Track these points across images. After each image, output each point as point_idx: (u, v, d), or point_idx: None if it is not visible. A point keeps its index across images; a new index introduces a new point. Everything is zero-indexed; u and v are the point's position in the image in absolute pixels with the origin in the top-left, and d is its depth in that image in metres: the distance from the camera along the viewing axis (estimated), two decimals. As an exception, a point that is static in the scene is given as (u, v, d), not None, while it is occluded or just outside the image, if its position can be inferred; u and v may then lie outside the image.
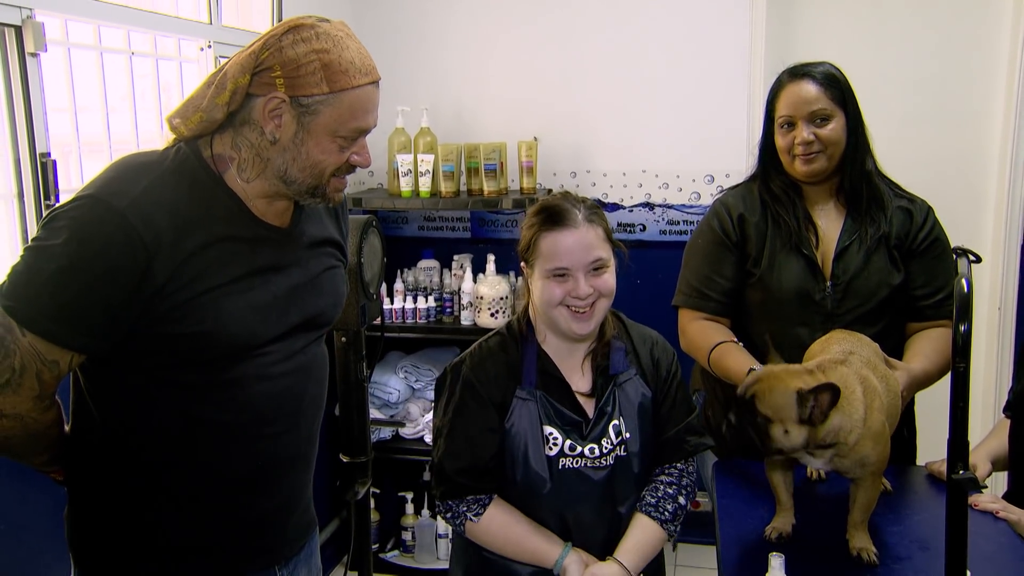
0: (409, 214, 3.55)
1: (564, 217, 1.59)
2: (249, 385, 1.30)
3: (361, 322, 2.17)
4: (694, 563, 3.27)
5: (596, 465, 1.64)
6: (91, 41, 2.23)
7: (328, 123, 1.26)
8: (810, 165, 1.91)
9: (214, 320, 1.24)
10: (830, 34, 3.16)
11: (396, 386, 3.27)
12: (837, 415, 1.40)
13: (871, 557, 1.47)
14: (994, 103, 3.09)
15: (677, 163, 3.27)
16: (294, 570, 1.48)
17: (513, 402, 1.64)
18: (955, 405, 1.06)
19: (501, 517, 1.63)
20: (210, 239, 1.24)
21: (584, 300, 1.59)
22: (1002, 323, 3.15)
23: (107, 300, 1.18)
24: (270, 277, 1.32)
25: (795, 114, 1.90)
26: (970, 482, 1.04)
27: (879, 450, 1.48)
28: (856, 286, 1.92)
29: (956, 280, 1.10)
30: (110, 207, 1.17)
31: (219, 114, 1.25)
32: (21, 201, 1.94)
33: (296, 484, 1.44)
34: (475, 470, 1.63)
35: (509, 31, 3.32)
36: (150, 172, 1.24)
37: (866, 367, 1.56)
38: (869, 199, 1.94)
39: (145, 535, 1.32)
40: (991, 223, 3.15)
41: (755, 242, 1.98)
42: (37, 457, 1.34)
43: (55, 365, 1.21)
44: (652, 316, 3.17)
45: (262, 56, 1.23)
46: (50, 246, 1.17)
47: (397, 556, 3.39)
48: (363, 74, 1.27)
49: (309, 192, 1.32)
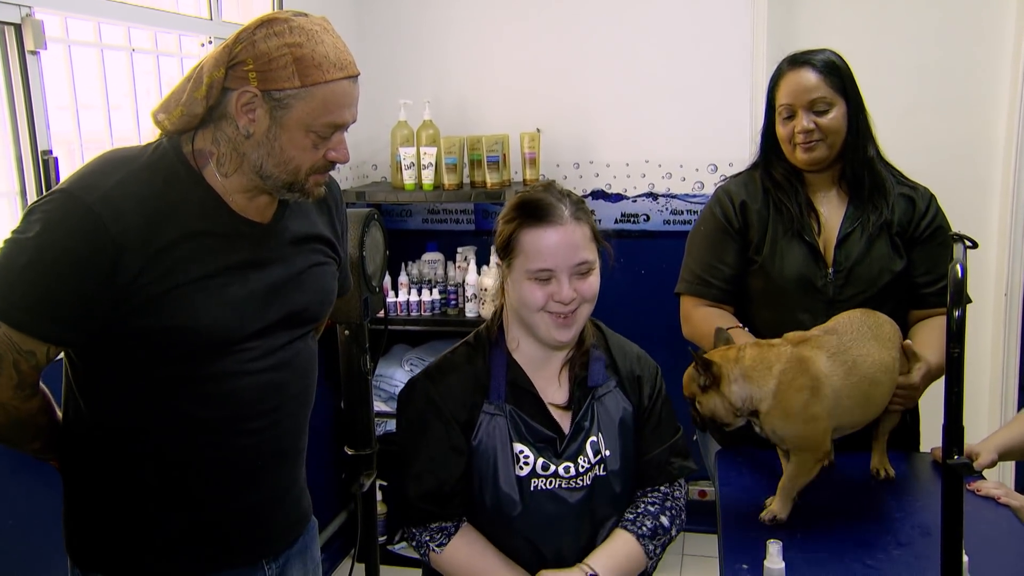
0: (413, 207, 3.55)
1: (549, 212, 1.46)
2: (227, 381, 1.31)
3: (364, 315, 2.18)
4: (701, 552, 3.28)
5: (572, 486, 1.52)
6: (91, 38, 2.24)
7: (301, 117, 1.25)
8: (810, 153, 1.90)
9: (188, 315, 1.24)
10: (833, 22, 3.14)
11: (401, 379, 3.28)
12: (745, 385, 1.55)
13: (774, 520, 1.57)
14: (999, 90, 3.07)
15: (680, 153, 3.27)
16: (285, 564, 1.48)
17: (480, 418, 1.52)
18: (950, 390, 1.06)
19: (466, 548, 1.51)
20: (184, 234, 1.25)
21: (567, 305, 1.46)
22: (1009, 309, 3.13)
23: (77, 292, 1.19)
24: (248, 273, 1.32)
25: (795, 103, 1.89)
26: (965, 467, 1.04)
27: (793, 428, 1.54)
28: (858, 272, 1.91)
29: (951, 265, 1.10)
30: (79, 201, 1.19)
31: (198, 108, 1.26)
32: (23, 198, 1.96)
33: (283, 479, 1.45)
34: (439, 495, 1.51)
35: (511, 23, 3.32)
36: (125, 167, 1.25)
37: (826, 349, 1.57)
38: (871, 186, 1.94)
39: (131, 526, 1.34)
40: (996, 210, 3.13)
41: (757, 229, 1.97)
42: (29, 444, 1.36)
43: (31, 355, 1.23)
44: (656, 306, 3.18)
45: (235, 50, 1.23)
46: (23, 239, 1.19)
47: (405, 548, 3.41)
48: (337, 68, 1.25)
49: (286, 187, 1.31)
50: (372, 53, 3.36)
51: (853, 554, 1.47)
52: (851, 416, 1.59)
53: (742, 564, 1.44)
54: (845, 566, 1.43)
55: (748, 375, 1.55)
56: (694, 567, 3.22)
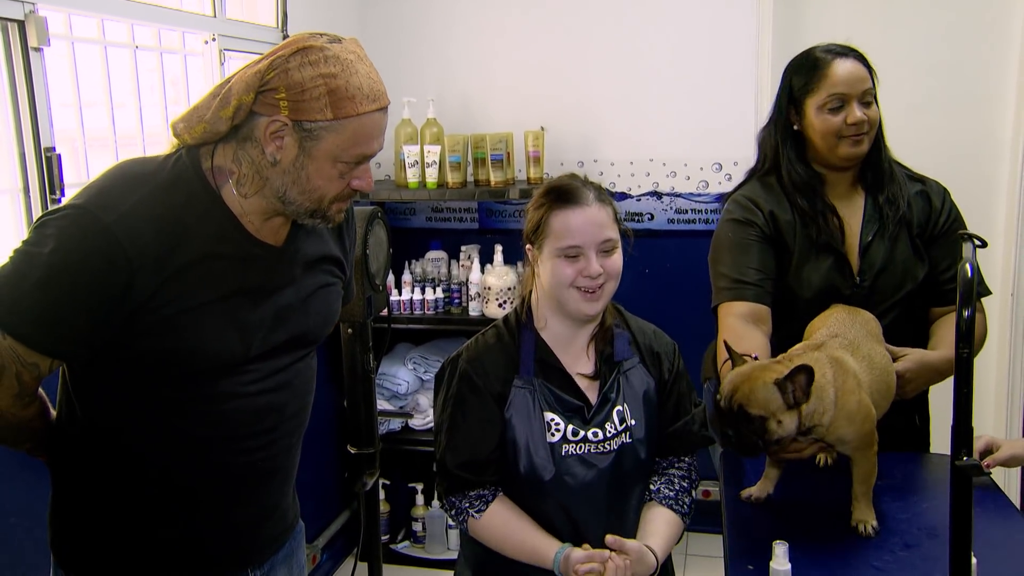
0: (416, 205, 3.54)
1: (575, 195, 1.59)
2: (226, 401, 1.29)
3: (367, 314, 2.17)
4: (705, 552, 3.27)
5: (600, 450, 1.62)
6: (95, 35, 2.24)
7: (330, 149, 1.23)
8: (859, 147, 1.83)
9: (197, 338, 1.23)
10: (838, 20, 3.12)
11: (405, 377, 3.28)
12: (812, 400, 1.46)
13: (868, 530, 1.50)
14: (1006, 88, 3.06)
15: (685, 152, 3.25)
16: (270, 571, 1.47)
17: (511, 391, 1.63)
18: (959, 391, 1.05)
19: (504, 514, 1.62)
20: (198, 256, 1.23)
21: (595, 280, 1.58)
22: (1015, 309, 3.12)
23: (88, 311, 1.18)
24: (259, 297, 1.30)
25: (850, 92, 1.81)
26: (974, 469, 1.03)
27: (856, 427, 1.52)
28: (883, 281, 1.87)
29: (960, 265, 1.08)
30: (97, 220, 1.16)
31: (223, 127, 1.23)
32: (27, 195, 1.95)
33: (272, 495, 1.44)
34: (476, 463, 1.62)
35: (515, 21, 3.31)
36: (144, 184, 1.22)
37: (845, 348, 1.59)
38: (889, 181, 1.90)
39: (117, 532, 1.33)
40: (1003, 209, 3.12)
41: (789, 240, 1.89)
42: (21, 445, 1.35)
43: (35, 367, 1.21)
44: (660, 305, 3.16)
45: (268, 76, 1.19)
46: (36, 253, 1.17)
47: (408, 547, 3.40)
48: (370, 100, 1.23)
49: (308, 214, 1.29)
50: (376, 50, 3.34)
51: (859, 555, 1.45)
52: (878, 409, 1.60)
53: (748, 565, 1.43)
54: (851, 567, 1.42)
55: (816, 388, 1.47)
56: (698, 567, 3.22)
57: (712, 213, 3.23)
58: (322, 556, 3.14)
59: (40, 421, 1.33)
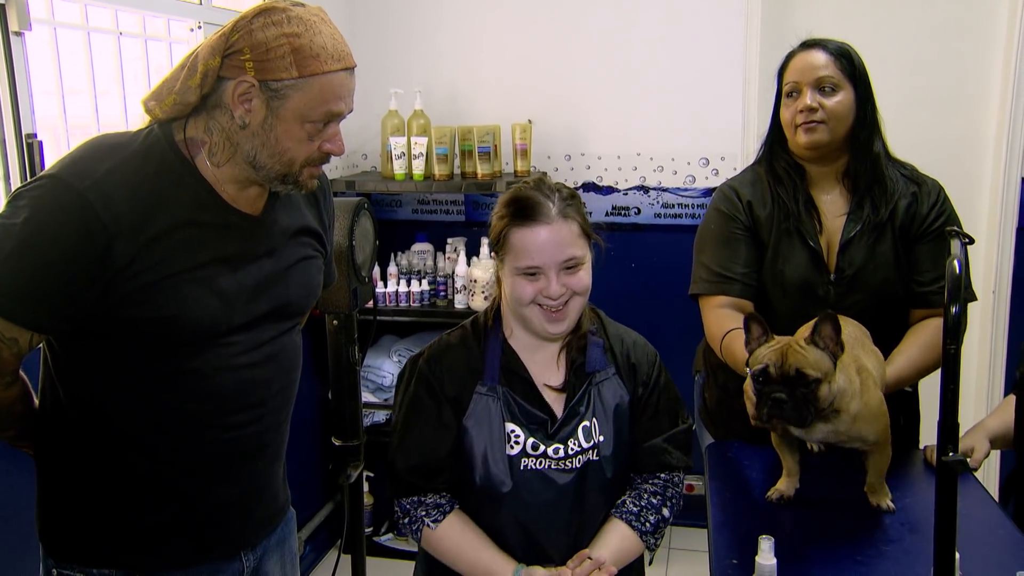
0: (403, 197, 3.53)
1: (536, 211, 1.49)
2: (212, 375, 1.29)
3: (352, 305, 2.16)
4: (688, 546, 3.28)
5: (561, 468, 1.56)
6: (78, 20, 2.20)
7: (297, 108, 1.23)
8: (811, 135, 1.83)
9: (177, 306, 1.22)
10: (826, 16, 3.13)
11: (390, 370, 3.27)
12: (840, 374, 1.46)
13: (890, 506, 1.57)
14: (990, 86, 3.07)
15: (672, 146, 3.25)
16: (263, 555, 1.47)
17: (472, 398, 1.57)
18: (945, 388, 1.05)
19: (459, 527, 1.56)
20: (175, 224, 1.23)
21: (556, 300, 1.50)
22: (996, 307, 3.14)
23: (65, 280, 1.17)
24: (238, 265, 1.30)
25: (801, 80, 1.84)
26: (960, 464, 1.03)
27: (877, 426, 1.54)
28: (860, 280, 1.86)
29: (948, 261, 1.09)
30: (70, 187, 1.16)
31: (192, 97, 1.24)
32: (7, 183, 1.92)
33: (263, 473, 1.43)
34: (426, 468, 1.57)
35: (503, 13, 3.29)
36: (116, 154, 1.22)
37: (856, 346, 1.60)
38: (874, 183, 1.87)
39: (107, 517, 1.32)
40: (986, 206, 3.14)
41: (764, 230, 1.91)
42: (5, 432, 1.34)
43: (14, 343, 1.20)
44: (646, 300, 3.16)
45: (232, 38, 1.21)
46: (10, 225, 1.16)
47: (391, 539, 3.40)
48: (335, 59, 1.24)
49: (279, 179, 1.30)
50: (363, 41, 3.32)
51: (843, 550, 1.46)
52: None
53: (732, 559, 1.44)
54: (835, 562, 1.43)
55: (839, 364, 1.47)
56: (682, 561, 3.23)
57: (699, 208, 3.23)
58: (305, 548, 3.13)
59: (22, 405, 1.32)
